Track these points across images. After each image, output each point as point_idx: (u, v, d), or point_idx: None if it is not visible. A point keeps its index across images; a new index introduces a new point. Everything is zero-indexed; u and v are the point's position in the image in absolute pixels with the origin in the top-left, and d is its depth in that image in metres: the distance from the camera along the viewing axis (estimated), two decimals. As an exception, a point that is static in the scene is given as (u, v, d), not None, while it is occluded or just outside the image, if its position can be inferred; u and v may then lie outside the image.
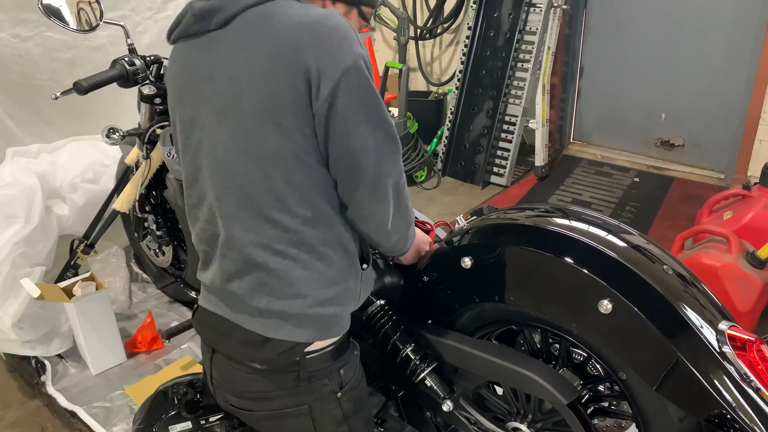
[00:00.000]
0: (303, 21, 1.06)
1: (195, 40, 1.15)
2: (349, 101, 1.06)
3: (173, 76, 1.22)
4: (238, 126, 1.10)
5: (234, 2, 1.09)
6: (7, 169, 2.36)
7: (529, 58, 3.80)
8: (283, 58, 1.04)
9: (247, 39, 1.08)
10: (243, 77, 1.08)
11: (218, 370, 1.28)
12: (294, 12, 1.08)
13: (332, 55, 1.05)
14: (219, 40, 1.11)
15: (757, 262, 2.30)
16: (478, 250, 1.41)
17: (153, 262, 2.62)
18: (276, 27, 1.06)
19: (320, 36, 1.05)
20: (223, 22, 1.10)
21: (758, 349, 1.13)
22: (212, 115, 1.12)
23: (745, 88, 3.54)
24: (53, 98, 1.81)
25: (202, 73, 1.13)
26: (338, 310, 1.21)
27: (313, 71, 1.04)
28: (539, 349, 1.49)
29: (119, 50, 2.51)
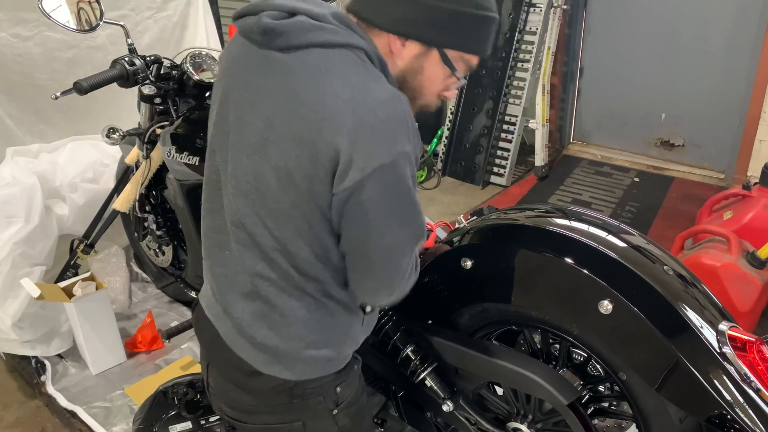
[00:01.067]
0: (357, 100, 0.96)
1: (255, 48, 1.05)
2: (374, 198, 0.99)
3: (226, 66, 1.13)
4: (261, 174, 1.04)
5: (298, 33, 1.00)
6: (7, 169, 2.36)
7: (529, 58, 3.80)
8: (321, 131, 0.96)
9: (298, 87, 0.99)
10: (278, 127, 1.01)
11: (213, 379, 1.26)
12: (354, 80, 0.98)
13: (370, 147, 0.96)
14: (274, 68, 1.02)
15: (757, 262, 2.30)
16: (479, 251, 1.41)
17: (153, 262, 2.62)
18: (328, 92, 0.97)
19: (365, 125, 0.96)
20: (285, 48, 1.01)
21: (758, 349, 1.13)
22: (242, 145, 1.07)
23: (745, 88, 3.53)
24: (53, 98, 1.80)
25: (247, 90, 1.06)
26: (333, 354, 1.18)
27: (344, 156, 0.95)
28: (539, 349, 1.49)
29: (119, 50, 2.51)
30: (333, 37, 1.00)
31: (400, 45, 1.06)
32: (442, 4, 1.02)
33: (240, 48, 1.09)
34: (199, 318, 1.27)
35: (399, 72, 1.09)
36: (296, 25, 1.01)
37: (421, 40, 1.06)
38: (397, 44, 1.06)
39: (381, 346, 1.55)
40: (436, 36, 1.06)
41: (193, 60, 1.91)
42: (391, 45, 1.07)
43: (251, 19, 1.05)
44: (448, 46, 1.08)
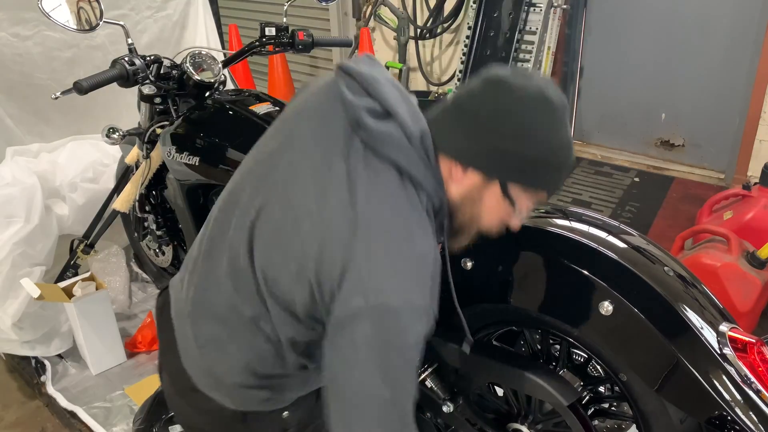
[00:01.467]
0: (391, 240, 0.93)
1: (341, 116, 1.00)
2: (368, 337, 0.91)
3: (310, 105, 1.08)
4: (275, 242, 1.02)
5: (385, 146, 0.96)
6: (7, 169, 2.36)
7: (529, 58, 3.80)
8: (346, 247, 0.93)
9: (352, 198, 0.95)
10: (308, 214, 0.98)
11: (164, 384, 1.26)
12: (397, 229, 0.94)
13: (383, 283, 0.91)
14: (344, 146, 0.98)
15: (757, 262, 2.30)
16: (479, 252, 1.41)
17: (153, 262, 2.61)
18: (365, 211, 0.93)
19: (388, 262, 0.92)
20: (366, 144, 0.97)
21: (759, 350, 1.13)
22: (274, 204, 1.03)
23: (745, 88, 3.53)
24: (53, 98, 1.80)
25: (303, 149, 1.03)
26: (273, 397, 1.17)
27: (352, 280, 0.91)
28: (540, 350, 1.49)
29: (119, 50, 2.50)
30: (408, 166, 0.97)
31: (460, 172, 1.01)
32: (509, 145, 0.96)
33: (331, 101, 1.03)
34: (164, 309, 1.25)
35: (456, 197, 1.04)
36: (385, 138, 0.97)
37: (482, 172, 1.00)
38: (458, 171, 1.01)
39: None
40: (498, 171, 0.99)
41: (193, 60, 1.91)
42: (452, 170, 1.01)
43: (353, 98, 0.99)
44: (511, 181, 1.01)
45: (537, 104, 0.96)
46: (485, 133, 0.96)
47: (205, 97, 1.97)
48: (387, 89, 1.01)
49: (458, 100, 1.01)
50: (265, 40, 2.04)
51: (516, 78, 0.97)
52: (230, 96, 2.00)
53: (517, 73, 0.98)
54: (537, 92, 0.96)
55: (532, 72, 1.03)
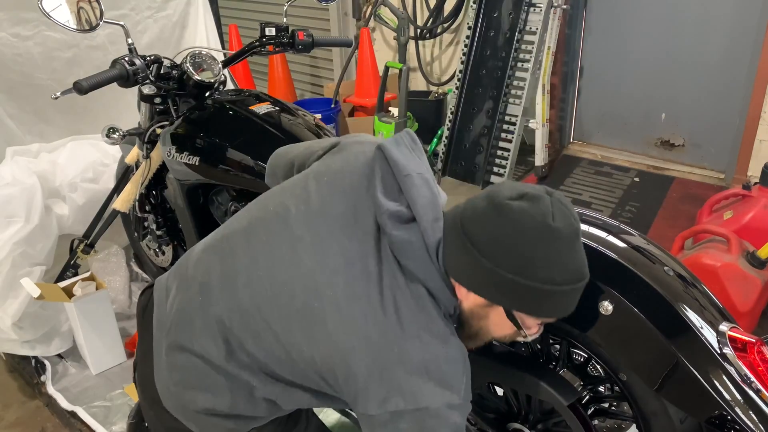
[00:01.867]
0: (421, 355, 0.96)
1: (369, 205, 1.03)
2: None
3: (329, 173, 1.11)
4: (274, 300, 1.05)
5: (403, 254, 0.98)
6: (7, 169, 2.36)
7: (529, 58, 3.80)
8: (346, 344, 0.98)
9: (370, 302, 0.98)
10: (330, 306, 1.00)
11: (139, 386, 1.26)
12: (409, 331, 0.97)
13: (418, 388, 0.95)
14: (367, 240, 1.02)
15: (757, 262, 2.30)
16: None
17: (153, 261, 2.61)
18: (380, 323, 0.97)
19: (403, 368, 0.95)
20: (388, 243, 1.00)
21: (759, 350, 1.13)
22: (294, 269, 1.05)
23: (745, 88, 3.53)
24: (53, 98, 1.80)
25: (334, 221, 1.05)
26: (238, 428, 1.17)
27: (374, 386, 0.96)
28: (539, 350, 1.49)
29: (119, 50, 2.51)
30: (425, 277, 0.99)
31: (465, 292, 1.02)
32: (510, 277, 0.94)
33: (366, 188, 1.06)
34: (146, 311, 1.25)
35: (465, 311, 1.06)
36: (405, 246, 0.99)
37: (485, 298, 1.00)
38: (462, 291, 1.02)
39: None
40: (500, 299, 0.99)
41: (193, 60, 1.91)
42: (457, 289, 1.03)
43: (383, 199, 1.01)
44: (514, 309, 1.01)
45: (539, 234, 0.92)
46: (486, 263, 0.95)
47: (205, 97, 1.97)
48: (419, 191, 1.01)
49: (463, 221, 0.98)
50: (265, 40, 2.04)
51: (522, 204, 0.94)
52: (230, 96, 2.00)
53: (525, 196, 0.95)
54: (540, 221, 0.93)
55: (543, 194, 0.96)
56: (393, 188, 1.02)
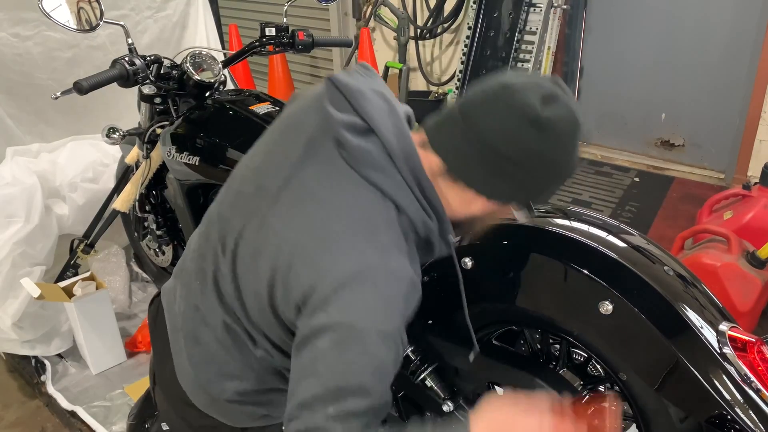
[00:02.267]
0: (365, 261, 0.90)
1: (323, 130, 0.99)
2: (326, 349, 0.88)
3: (285, 129, 1.08)
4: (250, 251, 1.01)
5: (364, 165, 0.94)
6: (7, 169, 2.36)
7: (529, 58, 3.80)
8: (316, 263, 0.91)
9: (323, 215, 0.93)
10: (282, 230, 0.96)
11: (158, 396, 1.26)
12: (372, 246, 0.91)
13: (350, 303, 0.88)
14: (328, 168, 0.96)
15: (757, 262, 2.30)
16: (479, 251, 1.41)
17: (153, 261, 2.61)
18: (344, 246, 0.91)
19: (357, 283, 0.89)
20: (346, 161, 0.95)
21: (759, 350, 1.13)
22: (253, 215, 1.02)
23: (745, 88, 3.53)
24: (53, 98, 1.80)
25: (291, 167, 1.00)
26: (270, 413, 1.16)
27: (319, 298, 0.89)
28: (540, 349, 1.49)
29: (119, 50, 2.50)
30: (387, 187, 0.94)
31: (484, 201, 0.98)
32: (541, 182, 0.97)
33: (318, 115, 1.01)
34: (157, 318, 1.24)
35: (470, 216, 1.03)
36: (365, 156, 0.94)
37: (501, 201, 1.00)
38: (482, 201, 0.99)
39: (381, 346, 1.55)
40: (518, 199, 1.02)
41: (193, 60, 1.91)
42: (475, 201, 0.99)
43: (335, 113, 0.97)
44: (519, 202, 1.04)
45: (572, 138, 0.91)
46: (523, 175, 0.93)
47: (205, 97, 1.97)
48: (372, 103, 0.97)
49: (493, 140, 0.91)
50: (265, 40, 2.04)
51: (554, 111, 0.89)
52: (230, 96, 2.00)
53: (549, 98, 0.90)
54: (571, 125, 0.91)
55: (556, 88, 0.92)
56: (345, 106, 0.97)
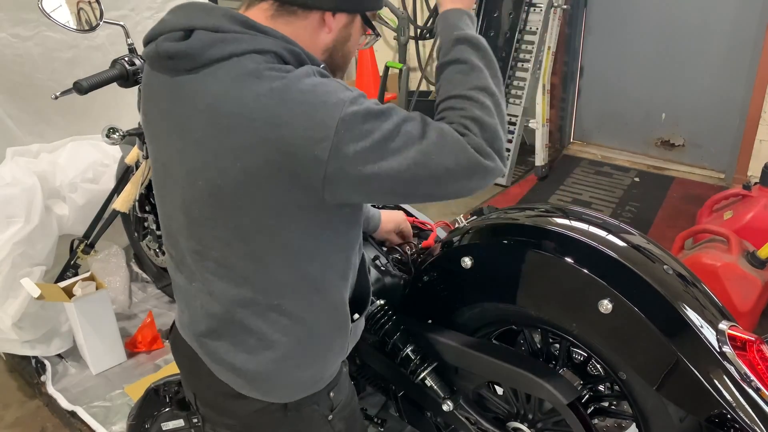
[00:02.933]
0: (275, 88, 0.93)
1: (165, 76, 1.03)
2: (360, 144, 0.92)
3: (144, 103, 1.11)
4: (212, 196, 1.00)
5: (201, 51, 0.97)
6: (7, 169, 2.36)
7: (529, 57, 3.80)
8: (260, 150, 0.93)
9: (217, 115, 0.96)
10: (214, 156, 0.97)
11: (202, 404, 1.24)
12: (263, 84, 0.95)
13: (316, 122, 0.92)
14: (187, 91, 0.99)
15: (757, 262, 2.30)
16: (478, 250, 1.41)
17: (153, 261, 2.62)
18: (248, 96, 0.94)
19: (296, 103, 0.92)
20: (192, 69, 0.99)
21: (758, 349, 1.13)
22: (182, 174, 1.03)
23: (745, 88, 3.54)
24: (53, 98, 1.80)
25: (171, 121, 1.03)
26: (317, 375, 1.15)
27: (302, 152, 0.92)
28: (539, 349, 1.49)
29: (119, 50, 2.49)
30: (238, 47, 0.97)
31: (331, 18, 1.06)
32: None
33: (151, 78, 1.07)
34: (176, 340, 1.24)
35: (329, 44, 1.09)
36: (196, 44, 0.98)
37: (348, 11, 1.08)
38: (330, 18, 1.06)
39: (381, 346, 1.55)
40: (360, 4, 1.10)
41: (193, 60, 1.91)
42: (326, 20, 1.06)
43: (151, 46, 1.03)
44: (368, 9, 1.12)
45: None
46: None
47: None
48: (174, 16, 1.03)
49: None
50: (265, 40, 2.04)
51: None
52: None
53: None
54: None
55: None
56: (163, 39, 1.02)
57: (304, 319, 1.09)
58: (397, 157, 0.94)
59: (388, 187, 0.96)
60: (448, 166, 0.96)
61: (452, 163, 0.96)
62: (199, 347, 1.16)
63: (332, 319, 1.14)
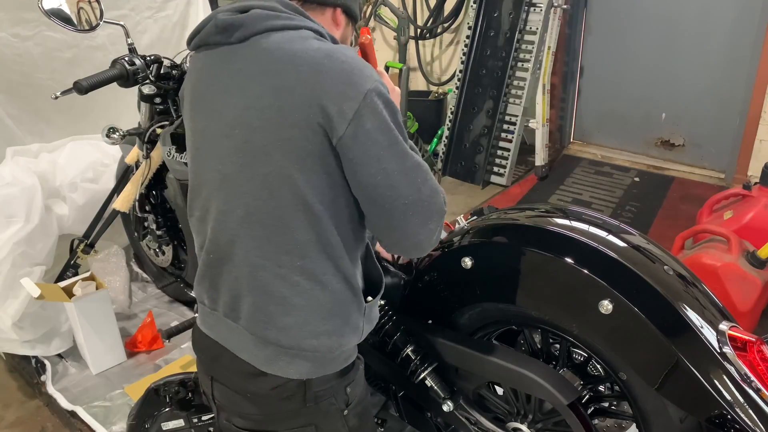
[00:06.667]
0: (322, 47, 1.06)
1: (215, 50, 1.13)
2: (377, 123, 1.03)
3: (191, 84, 1.20)
4: (246, 143, 1.07)
5: (256, 22, 1.08)
6: (7, 169, 2.36)
7: (530, 57, 3.80)
8: (298, 91, 1.03)
9: (266, 62, 1.06)
10: (256, 98, 1.06)
11: (220, 392, 1.24)
12: (313, 44, 1.07)
13: (351, 82, 1.03)
14: (238, 54, 1.10)
15: (757, 262, 2.30)
16: (479, 250, 1.41)
17: (153, 261, 2.62)
18: (299, 53, 1.05)
19: (339, 62, 1.04)
20: (244, 38, 1.09)
21: (758, 349, 1.13)
22: (222, 127, 1.11)
23: (745, 88, 3.54)
24: (53, 98, 1.80)
25: (217, 84, 1.12)
26: (335, 343, 1.16)
27: (332, 103, 1.02)
28: (539, 349, 1.49)
29: (119, 50, 2.50)
30: (289, 22, 1.09)
31: (340, 15, 1.21)
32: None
33: (199, 64, 1.17)
34: (196, 338, 1.27)
35: (338, 40, 1.20)
36: (253, 16, 1.09)
37: (347, 11, 1.22)
38: (339, 15, 1.21)
39: (381, 346, 1.55)
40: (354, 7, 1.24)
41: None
42: (337, 17, 1.21)
43: (207, 27, 1.13)
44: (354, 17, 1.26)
45: None
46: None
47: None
48: (231, 4, 1.15)
49: None
50: (265, 40, 2.04)
51: None
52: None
53: None
54: None
55: None
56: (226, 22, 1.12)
57: (323, 283, 1.12)
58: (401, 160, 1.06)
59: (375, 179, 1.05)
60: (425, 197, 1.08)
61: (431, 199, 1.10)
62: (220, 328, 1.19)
63: (348, 290, 1.16)
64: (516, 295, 1.35)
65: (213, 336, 1.21)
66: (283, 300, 1.11)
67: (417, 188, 1.07)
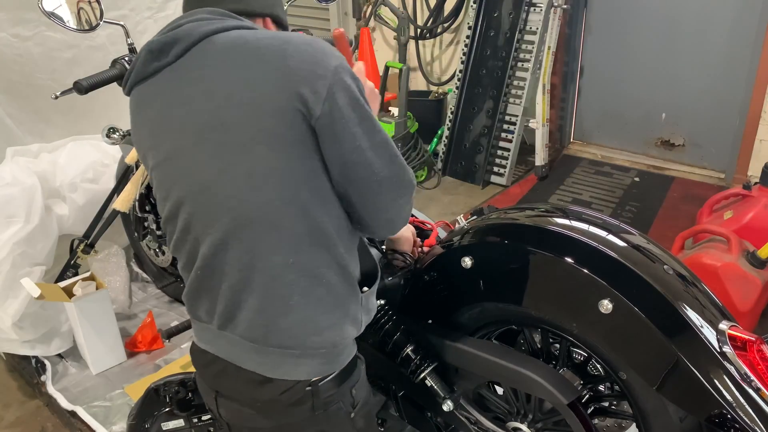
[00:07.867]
0: (276, 35, 1.07)
1: (156, 76, 1.11)
2: (347, 99, 1.04)
3: (138, 124, 1.18)
4: (222, 144, 1.05)
5: (191, 31, 1.07)
6: (7, 169, 2.36)
7: (530, 57, 3.80)
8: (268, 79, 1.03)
9: (227, 58, 1.06)
10: (225, 97, 1.04)
11: (226, 409, 1.23)
12: (263, 33, 1.08)
13: (317, 61, 1.03)
14: (188, 65, 1.08)
15: (757, 262, 2.30)
16: (479, 250, 1.41)
17: (153, 261, 2.62)
18: (250, 45, 1.05)
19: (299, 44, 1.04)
20: (184, 51, 1.08)
21: (758, 349, 1.13)
22: (192, 139, 1.08)
23: (745, 88, 3.53)
24: (53, 98, 1.80)
25: (177, 101, 1.09)
26: (338, 337, 1.15)
27: (304, 86, 1.02)
28: (539, 348, 1.49)
29: (119, 50, 2.50)
30: (226, 24, 1.09)
31: (270, 25, 1.23)
32: None
33: (140, 98, 1.16)
34: (195, 356, 1.25)
35: None
36: (186, 29, 1.08)
37: (276, 19, 1.25)
38: (270, 25, 1.23)
39: (381, 346, 1.55)
40: (283, 15, 1.26)
41: (193, 60, 1.91)
42: (267, 27, 1.22)
43: (140, 59, 1.12)
44: (284, 25, 1.28)
45: None
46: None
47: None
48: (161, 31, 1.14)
49: None
50: (265, 40, 2.04)
51: None
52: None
53: None
54: None
55: None
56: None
57: (319, 277, 1.11)
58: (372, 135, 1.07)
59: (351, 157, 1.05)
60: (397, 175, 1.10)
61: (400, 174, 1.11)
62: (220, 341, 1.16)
63: (344, 282, 1.15)
64: (516, 295, 1.35)
65: (213, 351, 1.18)
66: (281, 301, 1.09)
67: (388, 163, 1.09)
